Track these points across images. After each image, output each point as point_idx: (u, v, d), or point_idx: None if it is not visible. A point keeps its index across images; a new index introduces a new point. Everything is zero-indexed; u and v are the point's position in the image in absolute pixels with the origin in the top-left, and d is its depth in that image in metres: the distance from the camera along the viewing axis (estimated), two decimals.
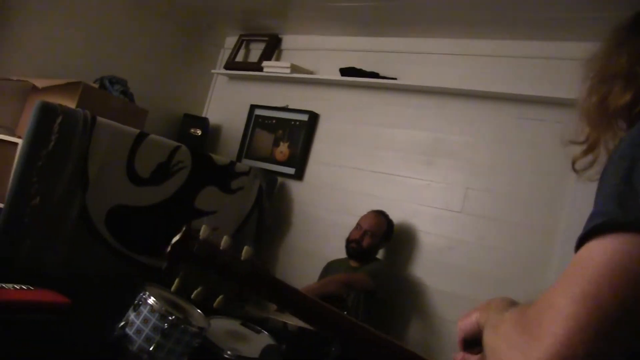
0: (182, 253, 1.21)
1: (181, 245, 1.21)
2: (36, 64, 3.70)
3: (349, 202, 3.76)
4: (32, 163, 2.71)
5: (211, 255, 1.23)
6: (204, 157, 3.48)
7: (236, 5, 4.12)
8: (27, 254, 2.73)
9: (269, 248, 4.03)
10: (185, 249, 1.21)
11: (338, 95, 4.03)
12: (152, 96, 4.25)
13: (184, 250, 1.21)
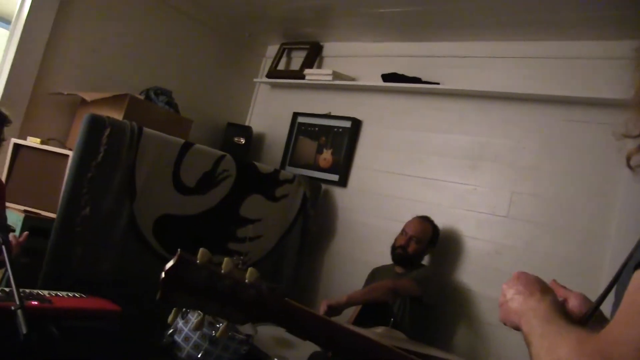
0: (177, 280, 1.08)
1: (176, 272, 1.08)
2: (85, 78, 3.81)
3: (393, 208, 3.74)
4: (82, 174, 2.78)
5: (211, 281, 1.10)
6: (249, 166, 3.52)
7: (277, 15, 4.16)
8: (78, 263, 2.80)
9: (314, 255, 4.04)
10: (180, 276, 1.08)
11: (380, 101, 4.02)
12: (196, 106, 4.32)
13: (179, 278, 1.08)
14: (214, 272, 1.10)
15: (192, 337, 2.54)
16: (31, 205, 3.12)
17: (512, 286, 1.08)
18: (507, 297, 1.08)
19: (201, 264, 1.10)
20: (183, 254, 1.09)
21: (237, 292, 1.10)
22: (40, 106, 3.61)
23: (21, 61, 3.53)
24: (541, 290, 1.03)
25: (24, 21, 3.53)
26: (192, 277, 1.08)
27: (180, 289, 1.08)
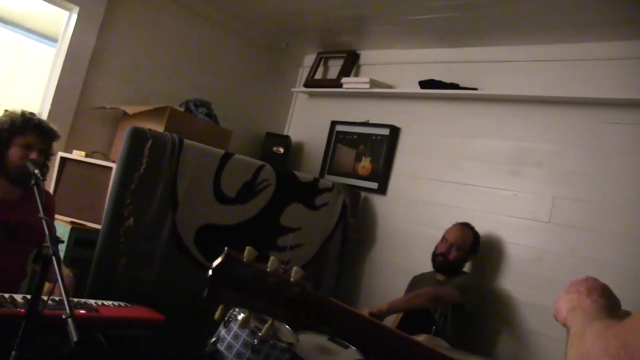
0: (224, 277, 1.09)
1: (223, 269, 1.09)
2: (126, 91, 3.91)
3: (433, 214, 3.71)
4: (125, 186, 2.85)
5: (257, 279, 1.11)
6: (288, 175, 3.54)
7: (314, 24, 4.19)
8: (123, 272, 2.86)
9: (354, 263, 4.04)
10: (227, 273, 1.09)
11: (418, 108, 4.01)
12: (235, 117, 4.38)
13: (227, 275, 1.09)
14: (260, 270, 1.11)
15: (234, 346, 2.56)
16: (77, 216, 3.20)
17: (576, 285, 1.08)
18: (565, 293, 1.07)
19: (248, 262, 1.11)
20: (230, 251, 1.09)
21: (283, 290, 1.11)
22: (85, 120, 3.72)
23: (67, 77, 3.64)
24: (601, 295, 1.02)
25: (69, 40, 3.65)
26: (239, 274, 1.09)
27: (227, 286, 1.08)
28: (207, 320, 2.71)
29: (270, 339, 2.56)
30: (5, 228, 2.40)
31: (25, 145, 2.37)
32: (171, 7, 4.05)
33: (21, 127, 2.38)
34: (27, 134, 2.39)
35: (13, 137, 2.37)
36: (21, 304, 1.99)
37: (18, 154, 2.34)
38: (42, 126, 2.44)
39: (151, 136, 2.90)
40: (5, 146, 2.35)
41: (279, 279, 1.12)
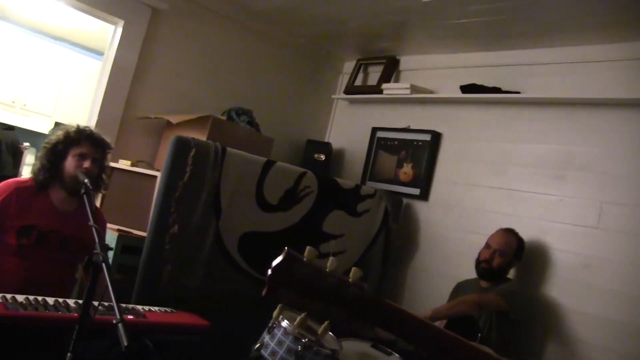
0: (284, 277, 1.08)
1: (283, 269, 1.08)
2: (169, 101, 4.00)
3: (477, 220, 3.67)
4: (170, 194, 2.90)
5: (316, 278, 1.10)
6: (330, 182, 3.55)
7: (353, 31, 4.20)
8: (168, 279, 2.91)
9: (397, 269, 4.02)
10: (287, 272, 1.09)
11: (460, 113, 3.97)
12: (276, 125, 4.42)
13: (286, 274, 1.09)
14: (319, 270, 1.10)
15: (278, 352, 2.58)
16: (124, 224, 3.27)
17: None
18: None
19: (307, 261, 1.11)
20: (290, 251, 1.09)
21: (341, 290, 1.10)
22: (130, 130, 3.81)
23: (112, 89, 3.74)
24: None
25: (115, 53, 3.74)
26: (298, 274, 1.08)
27: (286, 285, 1.08)
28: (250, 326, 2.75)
29: (314, 346, 2.56)
30: (59, 239, 2.48)
31: (79, 155, 2.47)
32: (212, 17, 4.12)
33: (75, 138, 2.49)
34: (81, 144, 2.49)
35: (68, 148, 2.48)
36: (74, 309, 2.04)
37: (73, 164, 2.43)
38: (95, 136, 2.54)
39: (194, 145, 2.95)
40: (61, 158, 2.44)
41: (338, 280, 1.11)
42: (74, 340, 1.65)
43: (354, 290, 1.11)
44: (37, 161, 2.54)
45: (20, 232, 2.39)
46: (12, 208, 2.41)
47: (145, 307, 2.41)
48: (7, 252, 2.40)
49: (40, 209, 2.47)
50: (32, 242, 2.42)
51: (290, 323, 2.59)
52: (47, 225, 2.46)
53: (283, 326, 2.60)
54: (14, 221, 2.40)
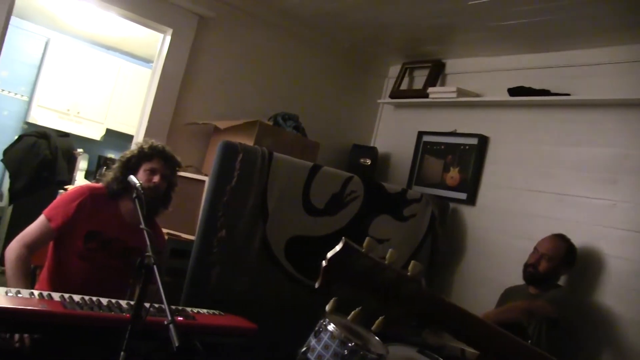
0: (340, 268, 1.03)
1: (339, 260, 1.03)
2: (216, 107, 4.07)
3: (526, 226, 3.60)
4: (218, 198, 2.95)
5: (374, 271, 1.04)
6: (376, 186, 3.55)
7: (398, 36, 4.20)
8: (216, 282, 2.95)
9: (443, 274, 3.98)
10: (344, 263, 1.03)
11: (508, 116, 3.91)
12: (321, 129, 4.44)
13: (343, 266, 1.03)
14: (378, 263, 1.05)
15: (324, 356, 2.58)
16: (173, 228, 3.33)
17: None
18: None
19: (366, 253, 1.05)
20: (348, 241, 1.03)
21: (399, 285, 1.05)
22: (178, 136, 3.89)
23: (162, 96, 3.83)
24: None
25: (163, 61, 3.84)
26: (355, 266, 1.03)
27: (341, 278, 1.03)
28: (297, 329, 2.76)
29: (360, 350, 2.56)
30: (122, 248, 2.57)
31: (150, 170, 2.57)
32: (258, 24, 4.18)
33: (148, 153, 2.60)
34: (153, 159, 2.60)
35: (140, 163, 2.59)
36: (126, 309, 2.10)
37: (143, 178, 2.52)
38: (166, 153, 2.64)
39: (242, 150, 2.99)
40: (134, 172, 2.52)
41: (397, 274, 1.05)
42: (126, 340, 1.69)
43: (412, 285, 1.06)
44: (112, 172, 2.64)
45: (88, 236, 2.49)
46: (84, 212, 2.51)
47: (194, 309, 2.45)
48: (73, 253, 2.49)
49: (108, 217, 2.57)
50: (97, 247, 2.51)
51: (337, 327, 2.60)
52: (113, 233, 2.55)
53: (330, 330, 2.60)
54: (84, 225, 2.50)
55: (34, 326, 1.96)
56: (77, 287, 2.27)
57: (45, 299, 2.00)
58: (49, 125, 5.83)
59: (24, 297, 1.97)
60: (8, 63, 5.56)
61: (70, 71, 5.89)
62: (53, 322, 1.93)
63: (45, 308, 1.90)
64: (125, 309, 2.11)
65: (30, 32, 5.90)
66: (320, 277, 1.03)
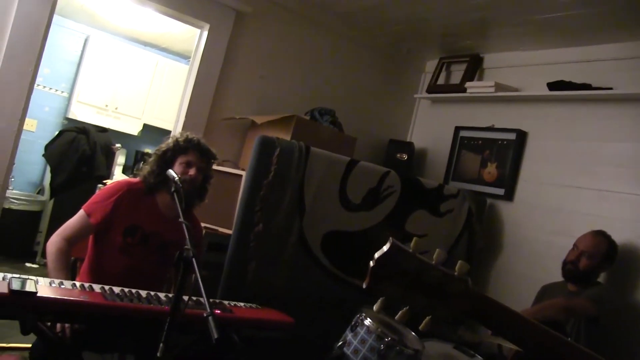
0: (387, 268, 1.04)
1: (387, 260, 1.04)
2: (253, 102, 4.08)
3: (565, 222, 3.53)
4: (255, 193, 2.96)
5: (421, 271, 1.05)
6: (413, 181, 3.53)
7: (435, 30, 4.15)
8: (253, 276, 2.97)
9: (480, 271, 3.93)
10: (391, 263, 1.04)
11: (547, 111, 3.83)
12: (358, 124, 4.43)
13: (390, 265, 1.04)
14: (425, 262, 1.06)
15: (361, 350, 2.58)
16: (210, 222, 3.36)
17: None
18: None
19: (413, 253, 1.06)
20: (396, 241, 1.05)
21: (446, 285, 1.06)
22: (215, 130, 3.92)
23: (199, 91, 3.86)
24: None
25: (200, 57, 3.86)
26: (403, 266, 1.04)
27: (389, 277, 1.04)
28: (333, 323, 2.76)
29: (396, 345, 2.55)
30: (159, 242, 2.59)
31: (186, 162, 2.58)
32: (294, 19, 4.18)
33: (184, 146, 2.60)
34: (188, 152, 2.60)
35: (176, 156, 2.59)
36: (164, 302, 2.12)
37: (179, 170, 2.53)
38: (201, 146, 2.64)
39: (279, 144, 3.00)
40: (169, 165, 2.55)
41: (444, 273, 1.06)
42: (165, 332, 1.71)
43: (459, 284, 1.07)
44: (148, 166, 2.66)
45: (127, 230, 2.53)
46: (123, 207, 2.54)
47: (231, 303, 2.46)
48: (113, 247, 2.53)
49: (146, 211, 2.60)
50: (136, 241, 2.54)
51: (373, 322, 2.59)
52: (151, 227, 2.58)
53: (366, 324, 2.60)
54: (122, 219, 2.53)
55: (75, 316, 2.00)
56: (117, 280, 2.31)
57: (87, 291, 2.03)
58: (88, 120, 5.95)
59: (67, 288, 2.02)
60: (49, 60, 5.67)
61: (109, 67, 6.00)
62: (94, 313, 1.96)
63: (86, 299, 1.94)
64: (164, 301, 2.14)
65: (71, 29, 6.03)
66: (367, 277, 1.04)
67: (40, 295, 1.80)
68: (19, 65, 3.24)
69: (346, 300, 3.09)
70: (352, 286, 3.26)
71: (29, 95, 3.32)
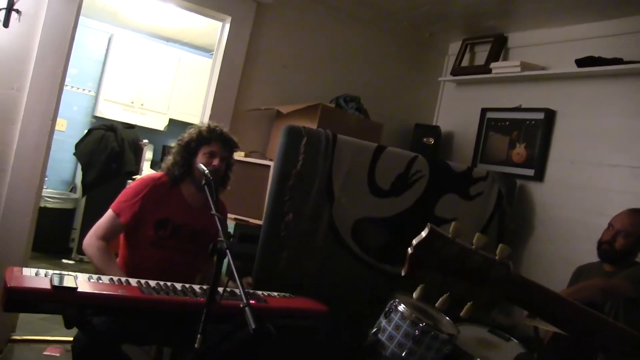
0: (426, 255, 1.02)
1: (426, 246, 1.01)
2: (278, 93, 4.09)
3: (599, 201, 3.47)
4: (283, 182, 2.98)
5: (461, 256, 1.02)
6: (441, 165, 3.50)
7: (458, 11, 4.10)
8: (285, 266, 2.99)
9: (512, 254, 3.87)
10: (430, 250, 1.02)
11: (576, 89, 3.76)
12: (383, 110, 4.42)
13: (429, 252, 1.02)
14: (465, 247, 1.04)
15: (395, 336, 2.59)
16: (240, 213, 3.39)
17: None
18: None
19: (452, 238, 1.04)
20: (434, 227, 1.02)
21: (487, 269, 1.04)
22: (242, 122, 3.94)
23: (223, 84, 3.88)
24: None
25: (223, 50, 3.88)
26: (442, 252, 1.02)
27: (428, 264, 1.02)
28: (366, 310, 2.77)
29: (431, 330, 2.55)
30: (190, 232, 2.62)
31: (209, 153, 2.59)
32: (315, 7, 4.17)
33: (207, 137, 2.62)
34: (212, 143, 2.62)
35: (199, 147, 2.62)
36: (199, 294, 2.15)
37: (203, 161, 2.56)
38: (224, 135, 2.67)
39: (306, 133, 3.00)
40: (193, 155, 2.58)
41: (484, 258, 1.04)
42: (202, 323, 1.74)
43: (501, 269, 1.04)
44: (171, 157, 2.69)
45: (158, 224, 2.56)
46: (150, 203, 2.57)
47: (264, 292, 2.49)
48: (145, 242, 2.57)
49: (174, 203, 2.63)
50: (168, 234, 2.58)
51: (407, 307, 2.59)
52: (180, 218, 2.61)
53: (400, 310, 2.61)
54: (152, 214, 2.57)
55: (114, 310, 2.04)
56: (151, 273, 2.35)
57: (124, 285, 2.07)
58: (115, 118, 6.03)
59: (105, 282, 2.06)
60: (76, 60, 5.72)
61: (133, 64, 6.06)
62: (131, 307, 2.00)
63: (124, 293, 1.97)
64: (199, 293, 2.17)
65: (94, 29, 6.10)
66: (406, 264, 1.02)
67: (80, 290, 1.84)
68: (50, 67, 3.30)
69: (378, 286, 3.10)
70: (383, 273, 3.27)
71: (59, 95, 3.38)
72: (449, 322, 2.83)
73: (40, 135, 3.31)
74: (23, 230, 3.34)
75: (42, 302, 1.79)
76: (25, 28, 3.23)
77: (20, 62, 3.24)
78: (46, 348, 3.50)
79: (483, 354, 2.76)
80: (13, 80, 3.24)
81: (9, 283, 1.75)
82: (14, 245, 3.30)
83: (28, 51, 3.25)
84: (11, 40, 3.21)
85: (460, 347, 2.74)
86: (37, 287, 1.79)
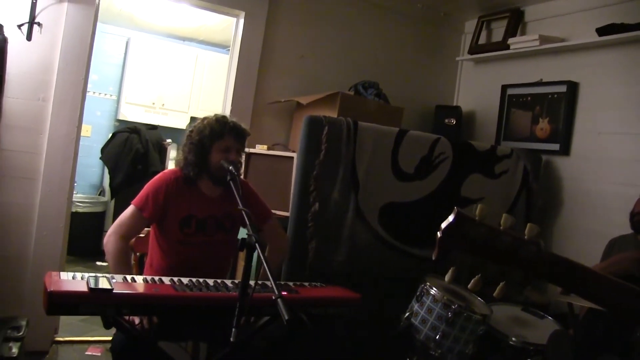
0: (455, 238, 1.03)
1: (454, 230, 1.03)
2: (296, 83, 4.10)
3: (627, 171, 3.40)
4: (308, 173, 3.00)
5: (490, 238, 1.04)
6: (464, 145, 3.49)
7: None
8: (314, 255, 3.01)
9: (542, 231, 3.82)
10: (458, 233, 1.03)
11: (598, 59, 3.68)
12: (403, 94, 4.38)
13: (458, 235, 1.03)
14: (493, 229, 1.05)
15: (428, 319, 2.60)
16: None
17: None
18: None
19: (480, 220, 1.05)
20: (460, 211, 1.04)
21: (517, 249, 1.04)
22: (262, 115, 3.96)
23: (242, 79, 3.90)
24: None
25: (239, 44, 3.90)
26: (471, 234, 1.04)
27: (458, 247, 1.04)
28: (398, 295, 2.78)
29: (464, 312, 2.55)
30: (214, 221, 2.64)
31: (224, 148, 2.58)
32: None
33: (219, 132, 2.59)
34: (225, 137, 2.59)
35: (213, 143, 2.59)
36: (232, 288, 2.18)
37: (218, 156, 2.55)
38: (237, 128, 2.65)
39: (327, 123, 3.01)
40: (207, 151, 2.58)
41: (513, 238, 1.05)
42: (236, 317, 1.76)
43: (531, 248, 1.05)
44: (183, 155, 2.66)
45: (183, 222, 2.58)
46: (172, 198, 2.58)
47: (296, 283, 2.51)
48: (173, 241, 2.59)
49: (194, 199, 2.63)
50: (193, 230, 2.59)
51: (439, 290, 2.60)
52: (203, 212, 2.62)
53: (432, 293, 2.61)
54: (175, 213, 2.58)
55: (149, 309, 2.08)
56: (183, 269, 2.39)
57: (157, 284, 2.11)
58: (137, 119, 6.11)
59: (139, 283, 2.10)
60: (96, 66, 5.79)
61: (152, 66, 6.13)
62: (166, 304, 2.04)
63: (158, 292, 2.01)
64: (231, 287, 2.19)
65: (112, 34, 6.17)
66: (436, 248, 1.04)
67: (116, 291, 1.88)
68: (72, 75, 3.36)
69: (408, 270, 3.10)
70: (413, 256, 3.27)
71: (83, 101, 3.44)
72: (482, 302, 2.82)
73: (67, 142, 3.37)
74: (58, 236, 3.42)
75: (80, 304, 1.83)
76: (47, 39, 3.30)
77: (44, 73, 3.31)
78: (88, 348, 3.59)
79: (518, 332, 2.76)
80: (38, 91, 3.31)
81: (50, 287, 1.79)
82: (51, 251, 3.39)
83: (50, 62, 3.32)
84: (34, 52, 3.28)
85: (494, 327, 2.74)
86: (75, 291, 1.83)
